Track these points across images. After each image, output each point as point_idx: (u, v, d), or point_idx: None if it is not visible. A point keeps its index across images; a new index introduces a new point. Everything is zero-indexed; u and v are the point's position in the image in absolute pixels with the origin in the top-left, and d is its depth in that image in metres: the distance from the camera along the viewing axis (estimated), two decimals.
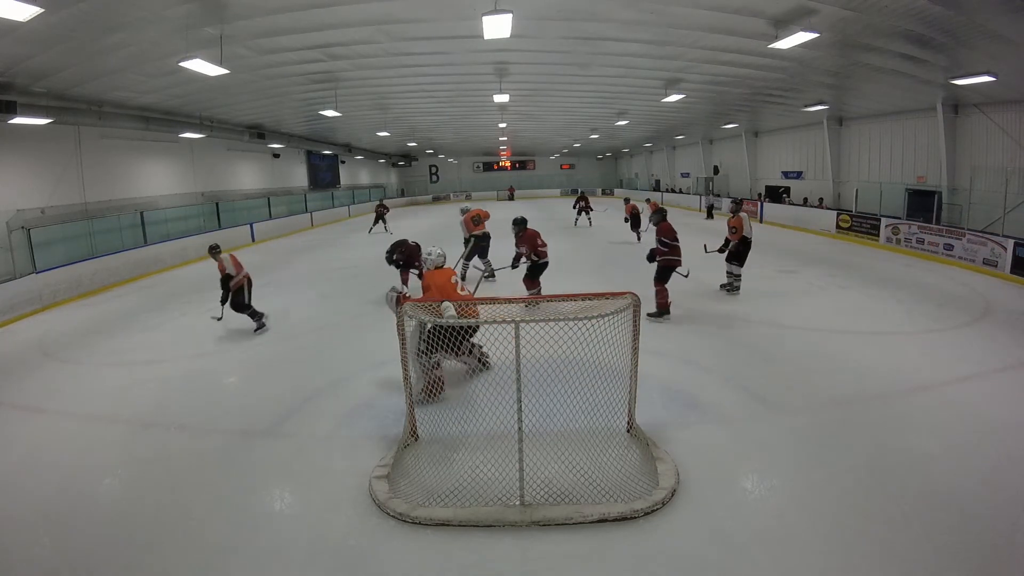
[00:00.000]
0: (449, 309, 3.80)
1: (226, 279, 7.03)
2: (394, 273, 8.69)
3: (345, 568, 2.80)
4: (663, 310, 6.95)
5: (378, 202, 21.98)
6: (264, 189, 21.08)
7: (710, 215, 21.29)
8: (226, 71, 8.39)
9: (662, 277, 6.96)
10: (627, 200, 16.42)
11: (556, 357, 3.47)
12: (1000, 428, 4.02)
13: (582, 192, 21.83)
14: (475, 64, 11.16)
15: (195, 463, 3.90)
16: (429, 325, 4.23)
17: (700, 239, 9.71)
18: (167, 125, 13.18)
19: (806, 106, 14.70)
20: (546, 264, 7.69)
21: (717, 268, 8.88)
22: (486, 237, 9.74)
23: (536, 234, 7.59)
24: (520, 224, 7.88)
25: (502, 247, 10.05)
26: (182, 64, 7.85)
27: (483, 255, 9.72)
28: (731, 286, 8.43)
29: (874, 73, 10.64)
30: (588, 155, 40.49)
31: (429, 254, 5.10)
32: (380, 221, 19.46)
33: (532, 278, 7.68)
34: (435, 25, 8.36)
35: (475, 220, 9.77)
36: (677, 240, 6.99)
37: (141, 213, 13.34)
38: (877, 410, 4.38)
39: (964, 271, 10.21)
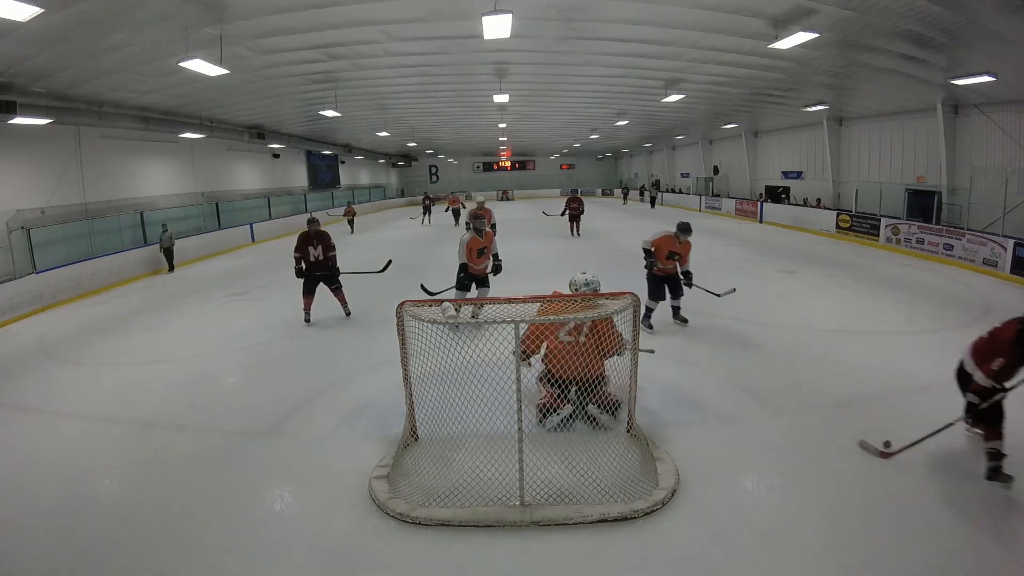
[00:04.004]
0: (449, 309, 3.77)
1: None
2: (393, 275, 8.72)
3: (345, 568, 2.80)
4: None
5: (424, 195, 25.31)
6: (264, 189, 21.07)
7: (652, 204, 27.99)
8: (226, 71, 8.39)
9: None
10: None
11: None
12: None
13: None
14: (475, 64, 11.17)
15: (195, 463, 3.89)
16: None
17: (699, 239, 9.69)
18: (167, 125, 13.18)
19: (806, 106, 14.71)
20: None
21: (711, 270, 8.86)
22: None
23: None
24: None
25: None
26: (182, 64, 7.85)
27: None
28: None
29: (874, 73, 10.64)
30: (588, 155, 40.50)
31: (579, 280, 4.58)
32: (427, 213, 22.80)
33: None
34: (435, 25, 8.36)
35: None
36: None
37: (141, 213, 13.33)
38: (877, 410, 4.38)
39: (964, 271, 10.21)
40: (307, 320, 7.33)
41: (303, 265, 7.19)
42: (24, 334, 7.89)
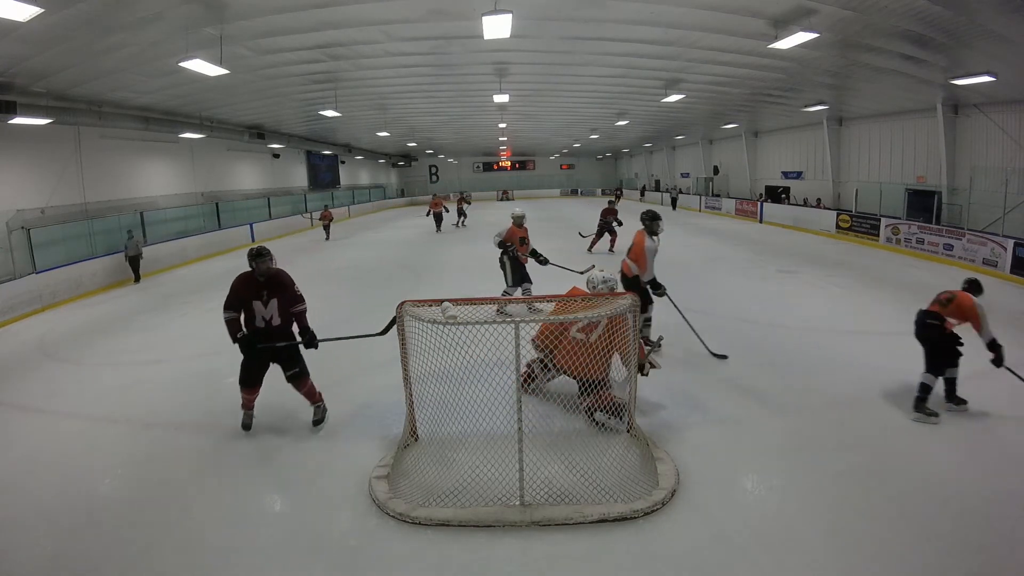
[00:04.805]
0: (449, 309, 3.78)
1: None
2: (393, 275, 8.68)
3: (345, 568, 2.80)
4: None
5: (459, 195, 23.06)
6: (264, 189, 21.08)
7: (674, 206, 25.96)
8: (226, 71, 8.39)
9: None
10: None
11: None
12: (999, 428, 4.02)
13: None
14: (475, 64, 11.17)
15: (195, 463, 3.89)
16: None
17: (699, 239, 9.67)
18: (167, 125, 13.19)
19: (806, 106, 14.71)
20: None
21: (711, 270, 8.83)
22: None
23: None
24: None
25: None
26: (182, 64, 7.86)
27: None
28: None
29: (874, 73, 10.64)
30: (588, 155, 40.51)
31: (597, 278, 4.58)
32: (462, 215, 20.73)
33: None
34: (435, 25, 8.37)
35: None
36: None
37: (141, 213, 13.33)
38: (877, 410, 4.39)
39: (964, 271, 10.19)
40: (247, 425, 4.31)
41: (245, 330, 4.18)
42: (24, 334, 7.88)
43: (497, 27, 7.05)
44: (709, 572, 2.69)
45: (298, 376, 4.28)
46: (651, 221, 5.67)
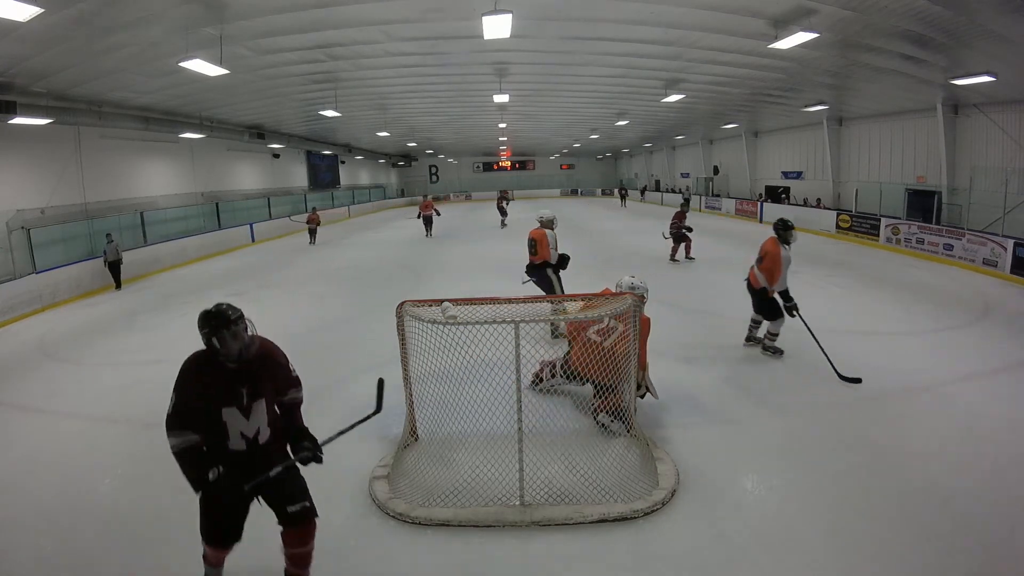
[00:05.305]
0: (449, 309, 3.79)
1: None
2: (393, 275, 8.67)
3: (345, 568, 2.81)
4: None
5: (500, 194, 22.27)
6: (264, 189, 21.08)
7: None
8: (226, 71, 8.39)
9: None
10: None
11: (556, 357, 3.46)
12: (1000, 428, 4.02)
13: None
14: (475, 64, 11.17)
15: None
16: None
17: (700, 239, 9.61)
18: (167, 125, 13.18)
19: (806, 106, 14.71)
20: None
21: (712, 270, 8.81)
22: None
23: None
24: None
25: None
26: (182, 64, 7.86)
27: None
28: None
29: (874, 73, 10.64)
30: (588, 155, 40.50)
31: (625, 283, 4.49)
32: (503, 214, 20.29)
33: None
34: (435, 25, 8.36)
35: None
36: None
37: (141, 213, 13.34)
38: (877, 410, 4.38)
39: (964, 271, 10.21)
40: None
41: (208, 469, 2.50)
42: (24, 334, 7.88)
43: (497, 27, 7.05)
44: (709, 572, 2.69)
45: (308, 515, 2.52)
46: (784, 230, 5.51)
